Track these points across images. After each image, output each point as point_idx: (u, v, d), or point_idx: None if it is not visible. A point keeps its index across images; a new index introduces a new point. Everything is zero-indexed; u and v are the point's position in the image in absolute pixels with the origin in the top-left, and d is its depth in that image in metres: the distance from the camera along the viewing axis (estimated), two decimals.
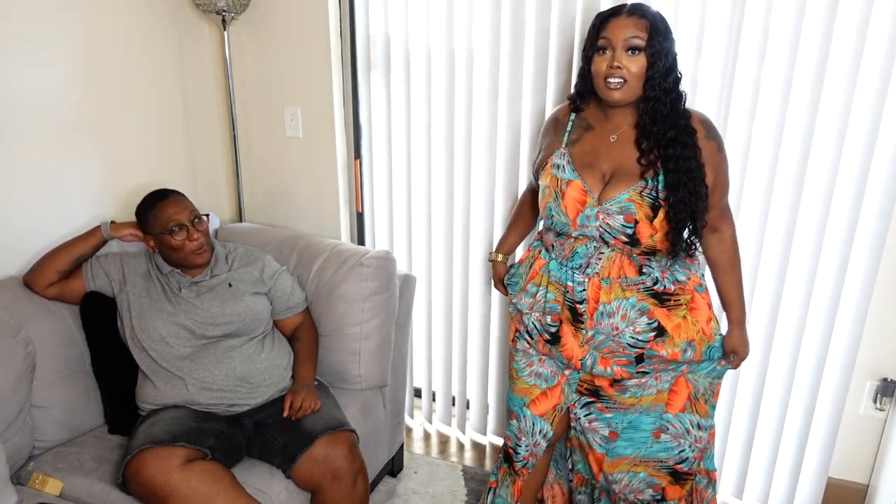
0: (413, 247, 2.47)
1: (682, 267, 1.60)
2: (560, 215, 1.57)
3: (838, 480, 2.11)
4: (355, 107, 2.37)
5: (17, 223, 1.87)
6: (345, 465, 1.72)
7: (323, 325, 2.06)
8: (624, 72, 1.45)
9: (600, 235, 1.54)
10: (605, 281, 1.57)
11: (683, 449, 1.68)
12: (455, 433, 2.63)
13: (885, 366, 1.98)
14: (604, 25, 1.47)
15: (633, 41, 1.44)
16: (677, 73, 1.48)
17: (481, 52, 2.11)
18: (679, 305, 1.59)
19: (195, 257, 1.84)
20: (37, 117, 1.88)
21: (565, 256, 1.61)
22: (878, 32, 1.71)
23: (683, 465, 1.70)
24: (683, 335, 1.59)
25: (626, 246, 1.54)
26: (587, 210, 1.53)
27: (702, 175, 1.50)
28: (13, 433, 1.65)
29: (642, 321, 1.57)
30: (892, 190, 1.80)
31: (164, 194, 1.87)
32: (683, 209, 1.47)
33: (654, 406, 1.66)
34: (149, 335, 1.80)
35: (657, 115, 1.47)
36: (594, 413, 1.69)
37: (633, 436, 1.68)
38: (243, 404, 1.81)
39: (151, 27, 2.19)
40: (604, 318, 1.58)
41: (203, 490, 1.54)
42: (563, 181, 1.56)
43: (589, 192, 1.53)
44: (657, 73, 1.44)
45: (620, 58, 1.45)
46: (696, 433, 1.68)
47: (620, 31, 1.45)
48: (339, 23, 2.26)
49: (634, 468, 1.70)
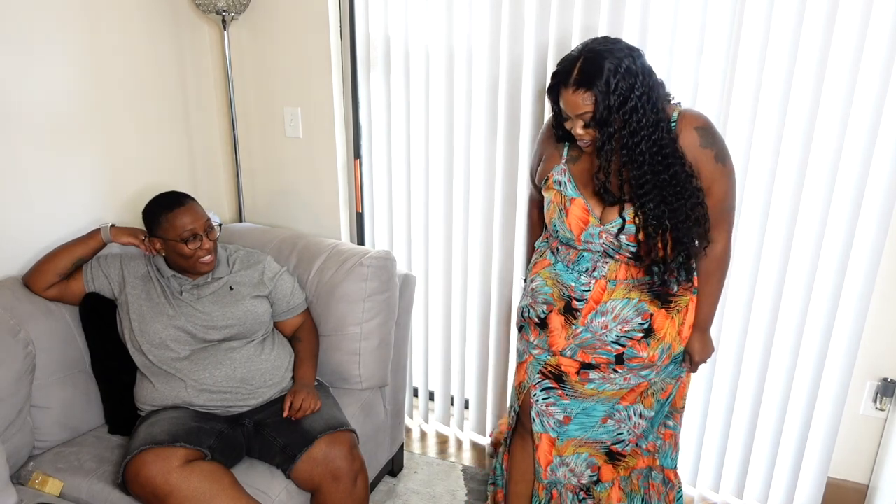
0: (413, 247, 2.47)
1: (686, 269, 1.61)
2: (565, 231, 1.61)
3: (838, 480, 2.11)
4: (355, 107, 2.37)
5: (17, 224, 1.87)
6: (345, 466, 1.72)
7: (323, 325, 2.06)
8: (586, 138, 1.48)
9: (605, 251, 1.58)
10: (611, 283, 1.60)
11: (621, 432, 1.74)
12: (454, 433, 2.63)
13: (885, 366, 1.98)
14: (557, 92, 1.48)
15: (585, 116, 1.45)
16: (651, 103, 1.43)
17: (481, 53, 2.11)
18: (676, 307, 1.62)
19: (202, 266, 1.84)
20: (36, 117, 1.88)
21: (571, 260, 1.64)
22: (878, 32, 1.71)
23: (618, 446, 1.76)
24: (667, 338, 1.63)
25: (631, 260, 1.57)
26: (590, 229, 1.57)
27: (694, 200, 1.48)
28: (13, 433, 1.65)
29: (636, 321, 1.60)
30: (892, 190, 1.80)
31: (180, 199, 1.83)
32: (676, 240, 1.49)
33: (610, 399, 1.71)
34: (149, 339, 1.79)
35: (633, 155, 1.45)
36: (553, 398, 1.73)
37: (584, 420, 1.73)
38: (243, 405, 1.81)
39: (151, 27, 2.19)
40: (596, 318, 1.62)
41: (203, 490, 1.54)
42: (567, 198, 1.59)
43: (591, 211, 1.56)
44: (613, 131, 1.43)
45: (578, 129, 1.47)
46: (636, 420, 1.74)
47: (570, 106, 1.45)
48: (339, 23, 2.26)
49: (579, 449, 1.76)
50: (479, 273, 2.35)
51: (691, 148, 1.49)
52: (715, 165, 1.50)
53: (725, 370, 2.11)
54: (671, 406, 1.79)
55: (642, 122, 1.43)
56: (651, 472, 1.84)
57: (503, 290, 2.32)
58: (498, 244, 2.28)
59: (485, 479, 2.34)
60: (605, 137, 1.44)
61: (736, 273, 2.00)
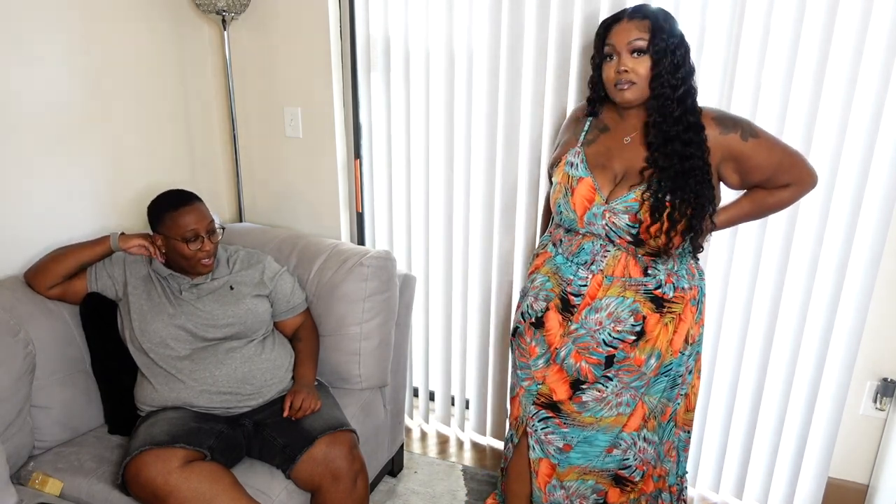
0: (413, 247, 2.47)
1: (687, 274, 1.62)
2: (568, 211, 1.61)
3: (838, 480, 2.11)
4: (355, 107, 2.37)
5: (17, 223, 1.87)
6: (345, 466, 1.72)
7: (323, 325, 2.06)
8: (631, 74, 1.48)
9: (606, 234, 1.57)
10: (607, 278, 1.60)
11: (627, 458, 1.72)
12: (455, 433, 2.63)
13: (885, 366, 1.98)
14: (607, 32, 1.52)
15: (637, 43, 1.47)
16: (688, 67, 1.49)
17: (481, 53, 2.11)
18: (671, 314, 1.61)
19: (201, 267, 1.84)
20: (36, 117, 1.88)
21: (572, 252, 1.64)
22: (878, 32, 1.71)
23: (625, 472, 1.73)
24: (657, 344, 1.62)
25: (631, 245, 1.56)
26: (594, 208, 1.57)
27: (707, 175, 1.50)
28: (13, 433, 1.65)
29: (628, 321, 1.60)
30: (892, 189, 1.80)
31: (187, 199, 1.84)
32: (684, 208, 1.49)
33: (611, 427, 1.68)
34: (149, 338, 1.79)
35: (665, 113, 1.49)
36: (551, 427, 1.72)
37: (587, 450, 1.71)
38: (244, 406, 1.81)
39: (151, 27, 2.19)
40: (591, 314, 1.62)
41: (203, 491, 1.54)
42: (575, 178, 1.60)
43: (598, 190, 1.57)
44: (663, 70, 1.46)
45: (626, 61, 1.48)
46: (641, 444, 1.71)
47: (623, 35, 1.48)
48: (339, 23, 2.26)
49: (584, 476, 1.74)
50: (479, 273, 2.35)
51: (715, 140, 1.52)
52: (745, 144, 1.51)
53: (725, 370, 2.11)
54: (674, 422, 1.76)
55: (686, 80, 1.48)
56: (661, 493, 1.81)
57: (503, 289, 2.32)
58: (498, 244, 2.28)
59: (485, 480, 2.34)
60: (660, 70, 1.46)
61: (736, 273, 2.01)
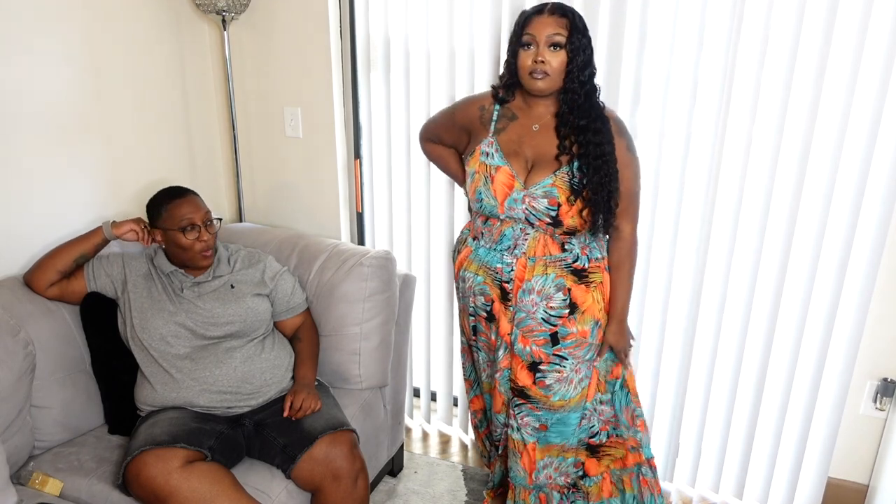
0: (413, 247, 2.47)
1: (598, 246, 1.73)
2: (489, 198, 1.68)
3: (838, 480, 2.11)
4: (355, 107, 2.37)
5: (17, 223, 1.87)
6: (345, 465, 1.72)
7: (323, 325, 2.06)
8: (546, 66, 1.56)
9: (526, 218, 1.66)
10: (531, 259, 1.68)
11: (593, 424, 1.80)
12: (455, 433, 2.63)
13: (885, 366, 1.98)
14: (528, 23, 1.58)
15: (555, 38, 1.55)
16: (593, 68, 1.60)
17: (481, 53, 2.11)
18: (592, 282, 1.71)
19: (201, 259, 1.85)
20: (37, 117, 1.88)
21: (494, 240, 1.72)
22: (878, 32, 1.71)
23: (594, 439, 1.81)
24: (593, 312, 1.71)
25: (550, 227, 1.65)
26: (514, 194, 1.65)
27: (614, 159, 1.61)
28: (13, 433, 1.65)
29: (558, 297, 1.69)
30: (892, 190, 1.80)
31: (181, 192, 1.88)
32: (600, 190, 1.59)
33: (580, 405, 1.77)
34: (149, 334, 1.79)
35: (574, 105, 1.59)
36: (525, 411, 1.79)
37: (563, 429, 1.79)
38: (244, 406, 1.81)
39: (151, 27, 2.19)
40: (525, 296, 1.70)
41: (203, 491, 1.54)
42: (493, 167, 1.67)
43: (516, 177, 1.65)
44: (575, 66, 1.56)
45: (543, 53, 1.56)
46: (599, 407, 1.80)
47: (543, 28, 1.55)
48: (339, 23, 2.26)
49: (563, 454, 1.81)
50: None
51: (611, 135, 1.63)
52: (626, 153, 1.65)
53: (725, 370, 2.11)
54: (627, 388, 1.83)
55: (591, 78, 1.59)
56: (640, 468, 1.87)
57: None
58: None
59: (485, 480, 2.34)
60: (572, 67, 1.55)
61: (736, 272, 2.01)
